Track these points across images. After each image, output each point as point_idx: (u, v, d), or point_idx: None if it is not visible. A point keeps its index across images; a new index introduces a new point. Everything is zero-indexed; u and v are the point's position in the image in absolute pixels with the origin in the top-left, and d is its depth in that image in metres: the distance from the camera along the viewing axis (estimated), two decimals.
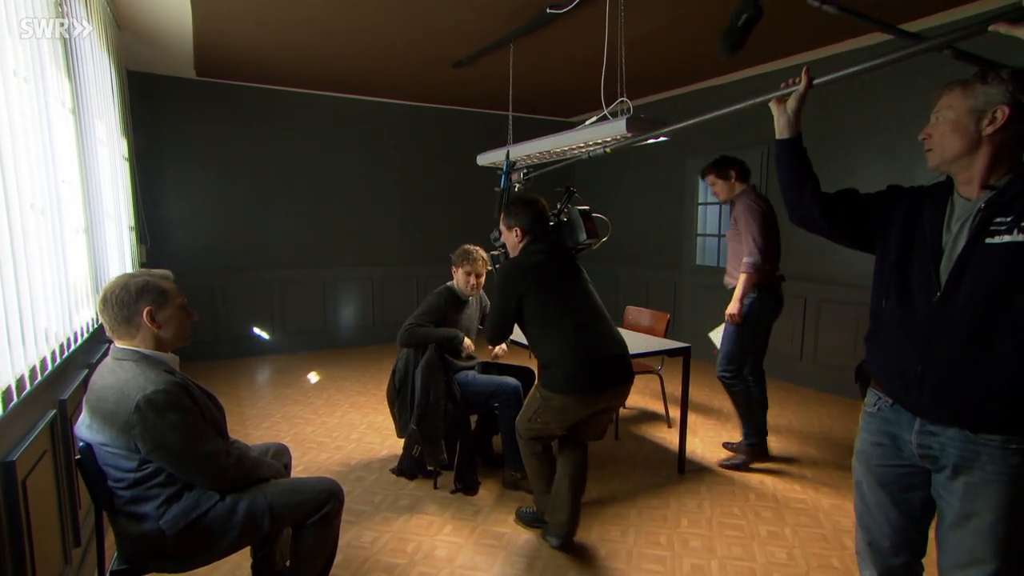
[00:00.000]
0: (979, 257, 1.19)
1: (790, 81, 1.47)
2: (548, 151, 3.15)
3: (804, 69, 1.43)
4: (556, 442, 2.36)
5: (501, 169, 2.74)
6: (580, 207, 2.37)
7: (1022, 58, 1.36)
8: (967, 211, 1.24)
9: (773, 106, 1.50)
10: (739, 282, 2.93)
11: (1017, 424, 1.17)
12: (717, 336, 3.17)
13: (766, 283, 2.97)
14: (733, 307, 2.94)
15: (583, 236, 2.33)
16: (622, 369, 2.21)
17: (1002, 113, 1.16)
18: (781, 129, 1.49)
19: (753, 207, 2.96)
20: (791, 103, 1.45)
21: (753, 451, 3.13)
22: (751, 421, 3.11)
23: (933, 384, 1.24)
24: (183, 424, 1.45)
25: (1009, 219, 1.16)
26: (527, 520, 2.47)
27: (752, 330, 3.01)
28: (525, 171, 2.67)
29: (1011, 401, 1.17)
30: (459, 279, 2.90)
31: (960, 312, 1.20)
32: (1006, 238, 1.15)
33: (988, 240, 1.18)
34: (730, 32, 1.58)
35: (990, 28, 1.11)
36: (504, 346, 2.95)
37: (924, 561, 1.43)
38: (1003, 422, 1.18)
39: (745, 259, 2.91)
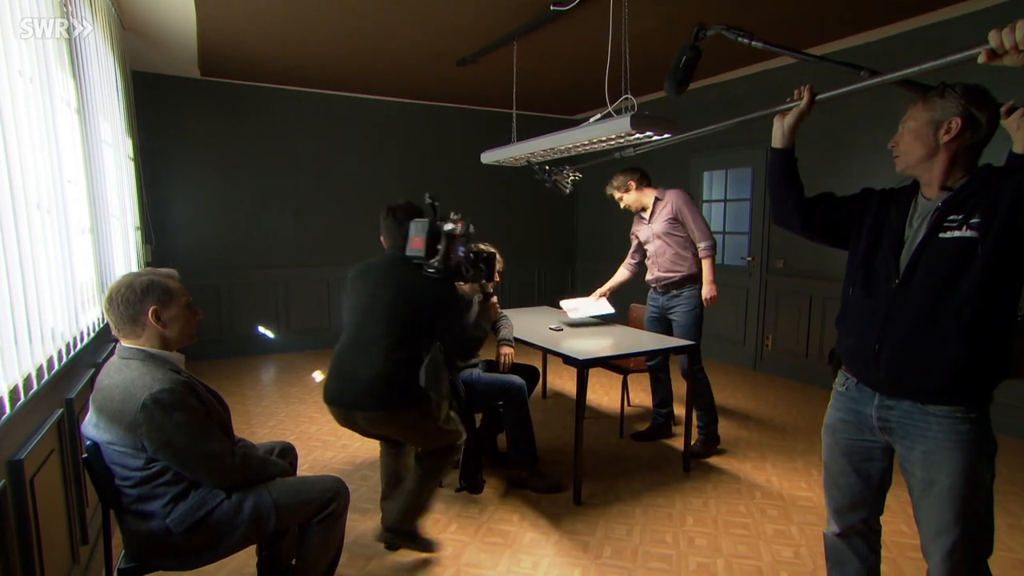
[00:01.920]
0: (932, 249, 1.34)
1: (796, 94, 1.54)
2: (564, 147, 3.14)
3: (807, 87, 1.51)
4: None
5: (538, 173, 2.69)
6: (419, 220, 2.09)
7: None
8: (927, 209, 1.38)
9: (776, 117, 1.60)
10: (706, 267, 3.15)
11: (960, 396, 1.33)
12: (579, 309, 3.47)
13: (697, 273, 3.20)
14: (712, 290, 3.15)
15: (408, 251, 2.08)
16: (351, 395, 2.08)
17: (956, 124, 1.30)
18: (776, 139, 1.61)
19: (688, 199, 3.19)
20: (788, 118, 1.56)
21: (713, 439, 3.28)
22: (712, 410, 3.28)
23: (887, 361, 1.40)
24: (189, 423, 1.46)
25: (960, 217, 1.31)
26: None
27: (701, 319, 3.25)
28: (566, 171, 2.65)
29: (954, 375, 1.32)
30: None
31: (913, 297, 1.36)
32: (956, 233, 1.31)
33: (941, 235, 1.33)
34: (674, 73, 1.67)
35: (978, 49, 1.17)
36: (511, 347, 2.96)
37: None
38: (947, 394, 1.34)
39: (705, 244, 3.14)
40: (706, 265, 3.15)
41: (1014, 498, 2.75)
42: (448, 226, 2.05)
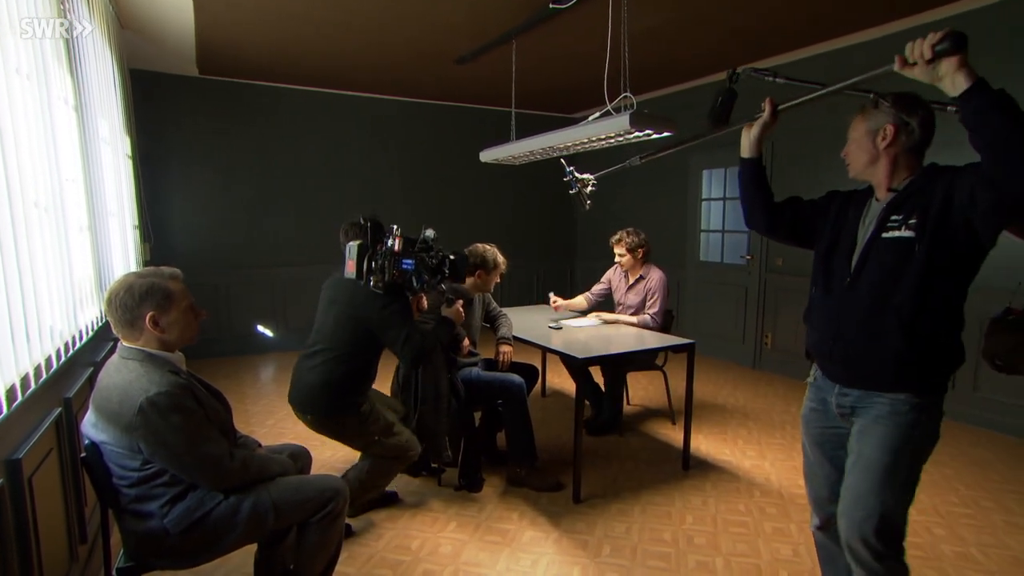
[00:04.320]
0: (877, 249, 1.42)
1: (762, 106, 1.62)
2: (563, 145, 3.15)
3: (768, 99, 1.59)
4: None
5: (568, 175, 2.73)
6: (352, 244, 2.15)
7: None
8: (876, 211, 1.47)
9: (744, 128, 1.68)
10: (628, 319, 3.50)
11: (905, 385, 1.40)
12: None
13: (651, 328, 3.55)
14: (605, 318, 3.49)
15: (344, 275, 2.19)
16: (296, 397, 2.34)
17: (889, 131, 1.40)
18: (744, 149, 1.69)
19: (665, 281, 3.53)
20: (754, 130, 1.65)
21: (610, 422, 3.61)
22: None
23: (841, 356, 1.50)
24: (186, 426, 1.45)
25: (900, 217, 1.39)
26: None
27: None
28: (593, 182, 2.70)
29: (897, 368, 1.39)
30: (487, 282, 2.93)
31: (860, 295, 1.44)
32: (895, 233, 1.39)
33: (884, 235, 1.41)
34: (712, 112, 1.74)
35: (895, 67, 1.26)
36: (510, 346, 3.00)
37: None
38: (893, 384, 1.41)
39: (651, 316, 3.46)
40: (631, 319, 3.49)
41: (1013, 496, 2.76)
42: (389, 242, 2.12)
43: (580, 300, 3.75)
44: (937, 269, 1.33)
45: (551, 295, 3.77)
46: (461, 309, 2.48)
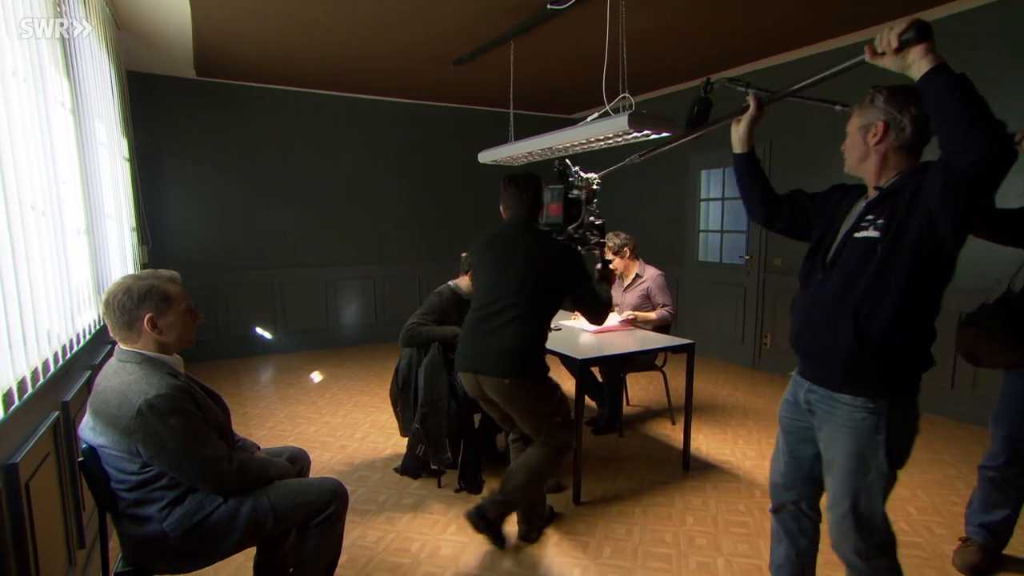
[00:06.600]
0: (848, 248, 1.43)
1: (747, 101, 1.67)
2: (562, 146, 3.14)
3: (752, 95, 1.62)
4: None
5: (572, 177, 2.76)
6: (554, 187, 2.16)
7: None
8: (859, 208, 1.47)
9: (732, 124, 1.69)
10: (651, 317, 3.50)
11: (859, 387, 1.40)
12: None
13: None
14: (632, 317, 3.48)
15: (543, 219, 2.16)
16: (480, 361, 2.13)
17: (879, 127, 1.39)
18: (734, 144, 1.71)
19: (663, 281, 3.56)
20: (741, 124, 1.67)
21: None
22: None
23: (803, 350, 1.53)
24: (184, 429, 1.44)
25: (872, 217, 1.39)
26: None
27: None
28: (597, 180, 2.72)
29: (848, 367, 1.40)
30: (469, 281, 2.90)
31: (827, 292, 1.45)
32: (865, 233, 1.39)
33: (856, 234, 1.41)
34: (689, 121, 1.75)
35: (866, 57, 1.28)
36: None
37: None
38: (847, 384, 1.42)
39: (666, 313, 3.51)
40: (652, 314, 3.49)
41: None
42: (573, 191, 2.10)
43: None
44: (897, 271, 1.31)
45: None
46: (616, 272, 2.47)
